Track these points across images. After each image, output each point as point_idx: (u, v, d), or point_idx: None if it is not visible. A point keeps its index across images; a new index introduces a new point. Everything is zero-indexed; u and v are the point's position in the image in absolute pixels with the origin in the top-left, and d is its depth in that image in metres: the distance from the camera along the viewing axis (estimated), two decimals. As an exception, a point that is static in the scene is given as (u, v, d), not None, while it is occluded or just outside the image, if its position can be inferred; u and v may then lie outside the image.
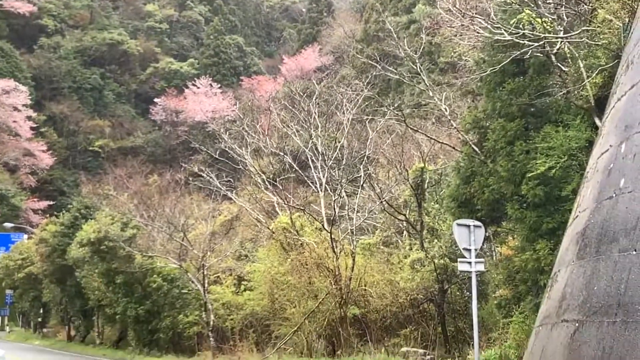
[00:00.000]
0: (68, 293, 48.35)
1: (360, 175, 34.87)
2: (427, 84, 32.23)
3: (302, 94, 42.17)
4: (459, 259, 18.66)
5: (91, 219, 42.92)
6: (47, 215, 60.70)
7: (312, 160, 37.01)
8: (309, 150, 37.60)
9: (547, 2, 21.78)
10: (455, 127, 29.00)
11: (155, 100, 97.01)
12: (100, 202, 46.99)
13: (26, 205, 78.65)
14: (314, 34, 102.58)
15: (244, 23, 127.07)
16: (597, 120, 19.30)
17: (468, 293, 27.45)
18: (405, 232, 36.90)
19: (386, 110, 37.67)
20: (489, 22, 22.84)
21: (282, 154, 41.47)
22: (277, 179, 39.76)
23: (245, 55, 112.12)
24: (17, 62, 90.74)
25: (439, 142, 33.77)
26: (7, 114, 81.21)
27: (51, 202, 79.98)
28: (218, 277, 37.84)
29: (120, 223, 38.83)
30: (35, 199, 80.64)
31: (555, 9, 21.83)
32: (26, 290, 58.72)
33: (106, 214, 40.26)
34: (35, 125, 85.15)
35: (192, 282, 36.16)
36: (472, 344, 19.62)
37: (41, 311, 61.67)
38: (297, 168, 40.45)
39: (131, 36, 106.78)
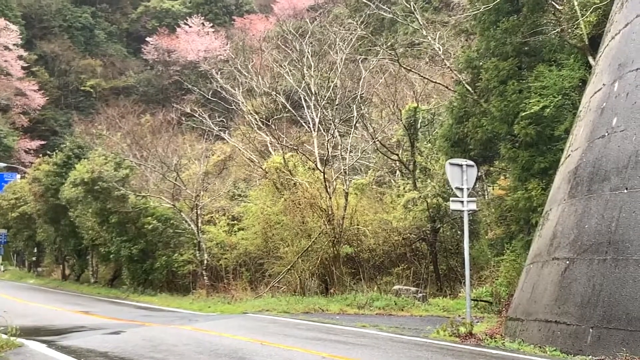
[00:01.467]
0: (62, 232, 48.48)
1: (354, 115, 34.79)
2: (421, 23, 32.02)
3: (295, 33, 41.83)
4: (451, 198, 18.73)
5: (84, 158, 42.83)
6: (40, 155, 60.51)
7: (305, 100, 36.88)
8: (302, 90, 37.45)
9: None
10: (448, 67, 28.92)
11: (147, 39, 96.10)
12: (92, 142, 46.84)
13: (19, 145, 78.45)
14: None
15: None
16: (590, 59, 19.26)
17: (460, 232, 27.65)
18: (398, 171, 37.03)
19: (379, 49, 37.46)
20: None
21: (274, 93, 41.27)
22: (270, 119, 39.61)
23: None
24: (6, 0, 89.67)
25: (432, 81, 33.67)
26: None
27: (43, 142, 79.74)
28: (212, 217, 37.96)
29: (114, 163, 38.77)
30: (27, 139, 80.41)
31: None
32: (20, 229, 58.86)
33: (99, 154, 40.15)
34: (26, 65, 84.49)
35: (186, 221, 36.30)
36: (464, 282, 19.82)
37: (35, 250, 61.91)
38: (290, 108, 40.32)
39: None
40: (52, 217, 48.07)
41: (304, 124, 38.52)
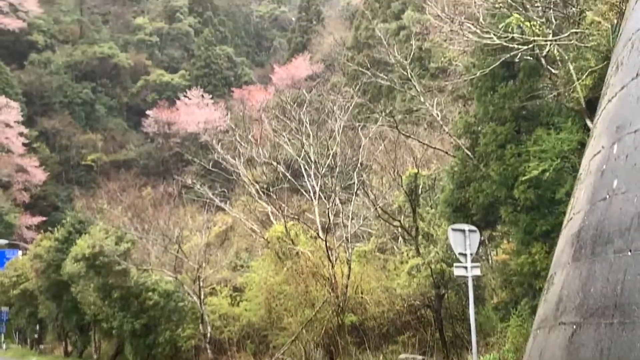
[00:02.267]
0: (64, 308, 48.15)
1: (354, 182, 34.79)
2: (418, 90, 32.22)
3: (293, 102, 42.11)
4: (455, 264, 18.62)
5: (85, 233, 42.77)
6: (41, 231, 60.48)
7: (305, 169, 36.93)
8: (301, 159, 37.53)
9: (535, 5, 21.81)
10: (447, 132, 28.99)
11: (147, 112, 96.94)
12: (94, 217, 46.82)
13: (20, 221, 78.43)
14: (304, 42, 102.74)
15: (234, 33, 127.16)
16: (588, 122, 19.31)
17: (465, 298, 27.42)
18: (400, 238, 36.86)
19: (378, 116, 37.63)
20: (478, 26, 22.85)
21: (275, 163, 41.36)
22: (271, 189, 39.63)
23: (236, 66, 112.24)
24: (7, 78, 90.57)
25: (431, 147, 33.73)
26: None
27: (45, 218, 79.76)
28: (214, 288, 37.73)
29: (115, 237, 38.70)
30: (28, 215, 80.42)
31: (544, 11, 21.86)
32: (22, 306, 58.50)
33: (100, 228, 40.13)
34: (27, 141, 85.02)
35: (189, 294, 36.05)
36: (471, 349, 19.58)
37: (37, 327, 61.42)
38: (290, 177, 40.36)
39: (122, 49, 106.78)
40: (54, 293, 47.79)
41: (304, 192, 38.50)
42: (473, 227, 18.57)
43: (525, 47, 20.53)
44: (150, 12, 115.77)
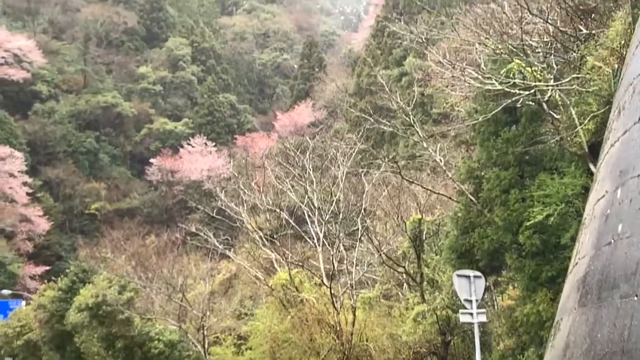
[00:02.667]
0: (68, 359, 47.78)
1: (358, 229, 34.72)
2: (421, 135, 32.33)
3: (296, 149, 42.21)
4: (460, 310, 18.49)
5: (89, 282, 42.61)
6: (45, 281, 60.17)
7: (309, 215, 36.89)
8: (305, 206, 37.49)
9: (536, 51, 21.97)
10: (450, 178, 29.03)
11: (151, 160, 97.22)
12: (97, 266, 46.70)
13: (24, 271, 78.17)
14: (307, 89, 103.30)
15: (237, 81, 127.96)
16: (591, 167, 19.30)
17: (471, 344, 27.18)
18: (405, 284, 36.67)
19: (381, 162, 37.72)
20: (480, 72, 22.99)
21: (278, 210, 41.31)
22: (275, 236, 39.53)
23: (238, 113, 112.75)
24: (12, 128, 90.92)
25: (435, 193, 33.74)
26: (3, 180, 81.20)
27: (48, 268, 79.42)
28: (218, 337, 37.46)
29: (118, 286, 38.56)
30: (32, 265, 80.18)
31: (545, 57, 22.01)
32: (25, 357, 57.92)
33: (104, 278, 40.00)
34: (31, 191, 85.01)
35: (193, 343, 35.81)
36: (478, 397, 19.37)
37: (41, 379, 60.89)
38: (294, 224, 40.28)
39: (125, 98, 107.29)
40: (58, 344, 47.41)
41: (308, 239, 38.40)
42: (478, 273, 18.48)
43: (527, 93, 20.62)
44: (154, 61, 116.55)
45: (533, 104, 21.44)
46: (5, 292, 66.54)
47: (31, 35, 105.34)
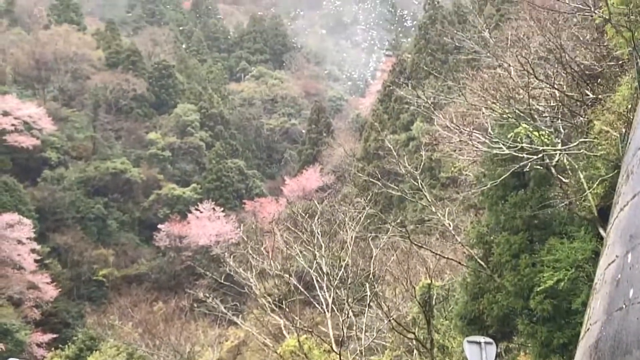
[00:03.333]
0: None
1: (367, 294, 34.48)
2: (429, 200, 32.30)
3: (304, 214, 42.17)
4: (471, 378, 18.22)
5: (96, 350, 42.32)
6: (52, 349, 59.80)
7: (318, 281, 36.70)
8: (313, 271, 37.32)
9: (543, 115, 22.06)
10: (460, 242, 28.90)
11: (159, 226, 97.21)
12: (105, 333, 46.43)
13: (30, 339, 77.56)
14: (315, 154, 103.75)
15: (245, 146, 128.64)
16: (601, 231, 19.21)
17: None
18: (415, 350, 36.27)
19: (390, 226, 37.61)
20: (487, 136, 23.06)
21: (287, 275, 41.13)
22: (283, 301, 39.29)
23: (247, 178, 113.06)
24: (21, 195, 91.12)
25: (444, 257, 33.59)
26: (11, 247, 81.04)
27: (56, 335, 78.81)
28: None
29: (126, 354, 38.32)
30: (39, 332, 79.60)
31: (552, 122, 22.09)
32: None
33: (111, 345, 39.78)
34: (39, 258, 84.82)
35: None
36: None
37: None
38: (302, 289, 40.05)
39: (134, 164, 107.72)
40: (65, 411, 46.99)
41: (317, 305, 38.15)
42: (489, 340, 18.25)
43: (535, 157, 20.64)
44: (163, 127, 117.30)
45: (541, 168, 21.47)
46: (12, 360, 65.97)
47: (41, 102, 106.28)
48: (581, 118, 21.52)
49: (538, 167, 21.35)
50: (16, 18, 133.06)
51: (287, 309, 38.13)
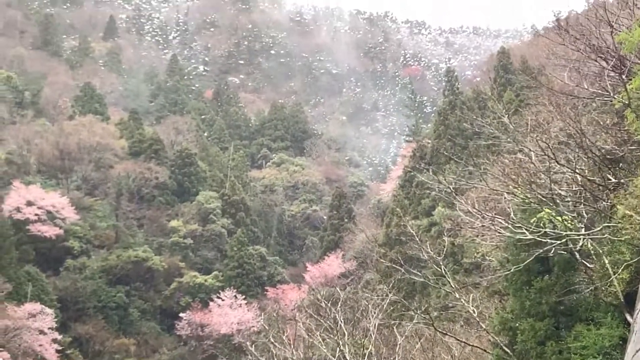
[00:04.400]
0: None
1: (391, 383, 33.93)
2: (453, 286, 32.04)
3: (327, 301, 41.86)
4: None
5: None
6: None
7: (341, 370, 36.16)
8: (336, 359, 36.83)
9: (566, 200, 21.99)
10: (484, 329, 28.52)
11: (180, 315, 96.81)
12: None
13: None
14: (336, 240, 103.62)
15: (267, 233, 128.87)
16: (628, 317, 18.95)
17: None
18: None
19: (413, 314, 37.21)
20: (510, 221, 22.98)
21: (309, 364, 40.59)
22: (306, 391, 38.64)
23: (268, 265, 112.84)
24: (43, 285, 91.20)
25: (469, 345, 33.09)
26: (33, 337, 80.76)
27: None
28: None
29: None
30: None
31: (574, 206, 22.00)
32: None
33: None
34: (60, 348, 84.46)
35: None
36: None
37: None
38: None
39: (156, 252, 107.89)
40: None
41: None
42: None
43: (559, 242, 20.52)
44: (185, 214, 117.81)
45: (565, 253, 21.32)
46: None
47: (65, 192, 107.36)
48: (604, 202, 21.42)
49: (562, 252, 21.20)
50: (41, 109, 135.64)
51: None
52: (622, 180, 20.40)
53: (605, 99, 22.06)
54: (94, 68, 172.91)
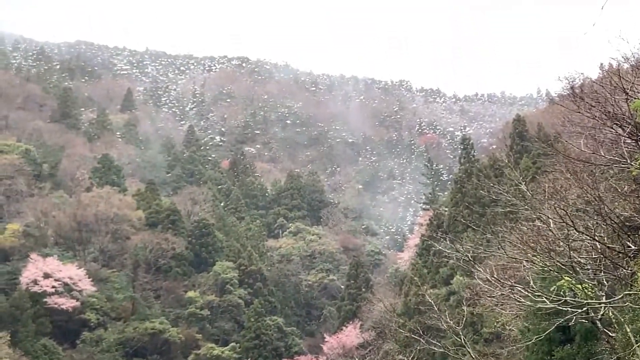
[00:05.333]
0: None
1: None
2: (473, 356, 31.57)
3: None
4: None
5: None
6: None
7: None
8: None
9: (585, 268, 21.77)
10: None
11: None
12: None
13: None
14: (354, 309, 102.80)
15: (284, 303, 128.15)
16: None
17: None
18: None
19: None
20: (529, 290, 22.73)
21: None
22: None
23: (286, 336, 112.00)
24: (60, 358, 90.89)
25: None
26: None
27: None
28: None
29: None
30: None
31: (595, 274, 21.77)
32: None
33: None
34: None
35: None
36: None
37: None
38: None
39: (173, 324, 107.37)
40: None
41: None
42: None
43: (579, 311, 20.26)
44: (201, 285, 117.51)
45: (586, 322, 21.04)
46: None
47: (82, 264, 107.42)
48: (624, 270, 21.17)
49: (583, 321, 20.93)
50: (59, 181, 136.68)
51: None
52: (641, 248, 20.23)
53: (623, 165, 21.99)
54: (111, 140, 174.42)
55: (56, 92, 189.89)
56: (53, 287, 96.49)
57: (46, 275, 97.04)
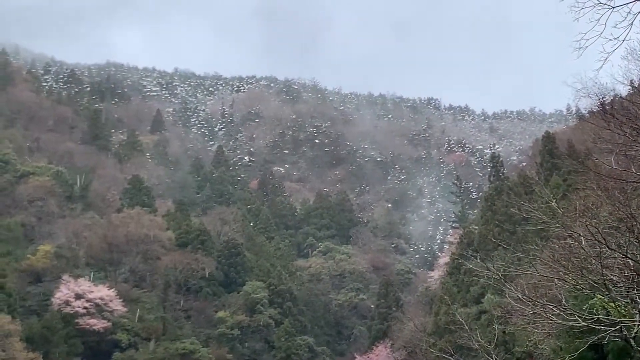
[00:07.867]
0: None
1: None
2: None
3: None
4: None
5: None
6: None
7: None
8: None
9: (618, 285, 21.56)
10: None
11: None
12: None
13: None
14: (385, 329, 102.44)
15: (314, 323, 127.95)
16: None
17: None
18: None
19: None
20: (561, 308, 22.55)
21: None
22: None
23: (316, 356, 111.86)
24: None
25: None
26: None
27: None
28: None
29: None
30: None
31: (627, 292, 21.56)
32: None
33: None
34: None
35: None
36: None
37: None
38: None
39: (203, 344, 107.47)
40: None
41: None
42: None
43: (613, 329, 20.06)
44: (232, 305, 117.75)
45: (620, 340, 20.82)
46: None
47: (112, 284, 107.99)
48: (658, 287, 20.98)
49: (616, 339, 20.71)
50: (90, 202, 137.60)
51: None
52: (675, 265, 20.01)
53: (655, 182, 21.82)
54: (141, 161, 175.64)
55: (87, 114, 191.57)
56: (85, 307, 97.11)
57: (78, 296, 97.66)
